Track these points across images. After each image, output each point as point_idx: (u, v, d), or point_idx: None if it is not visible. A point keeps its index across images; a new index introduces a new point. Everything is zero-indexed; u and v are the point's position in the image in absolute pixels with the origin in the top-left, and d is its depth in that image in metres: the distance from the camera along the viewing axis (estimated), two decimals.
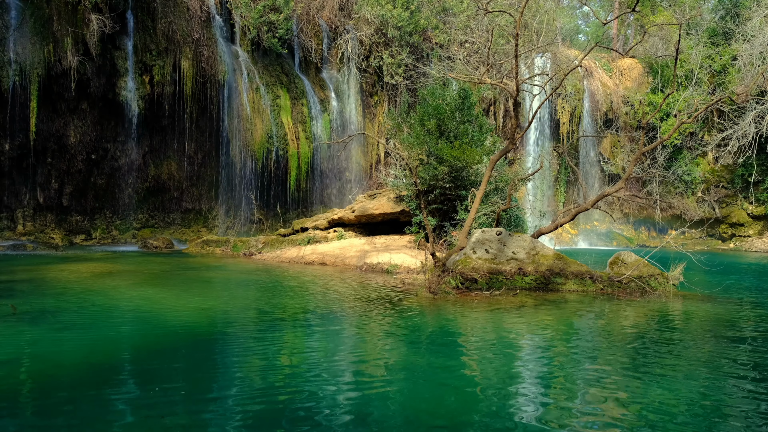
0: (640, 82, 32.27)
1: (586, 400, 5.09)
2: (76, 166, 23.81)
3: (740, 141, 27.40)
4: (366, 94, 29.69)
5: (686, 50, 29.55)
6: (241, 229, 26.10)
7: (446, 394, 5.22)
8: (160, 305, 9.65)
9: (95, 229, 24.73)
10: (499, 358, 6.59)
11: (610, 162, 31.58)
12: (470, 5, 28.88)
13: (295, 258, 18.17)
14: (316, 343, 7.08)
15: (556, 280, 11.72)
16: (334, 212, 21.70)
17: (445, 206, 17.60)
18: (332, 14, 28.80)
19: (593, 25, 50.32)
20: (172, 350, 6.69)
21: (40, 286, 11.37)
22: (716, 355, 6.72)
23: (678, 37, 12.64)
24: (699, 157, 30.90)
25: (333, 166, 28.35)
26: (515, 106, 12.10)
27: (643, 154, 14.20)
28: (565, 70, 19.19)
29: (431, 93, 18.96)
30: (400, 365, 6.11)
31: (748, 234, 30.34)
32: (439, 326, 8.30)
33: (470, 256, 12.08)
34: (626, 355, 6.71)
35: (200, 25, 24.70)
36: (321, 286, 12.73)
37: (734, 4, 30.44)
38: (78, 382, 5.41)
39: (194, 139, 25.67)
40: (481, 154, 17.59)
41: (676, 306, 10.30)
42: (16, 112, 21.32)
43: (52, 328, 7.49)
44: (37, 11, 21.19)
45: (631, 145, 30.98)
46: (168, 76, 23.91)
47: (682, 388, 5.39)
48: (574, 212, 13.72)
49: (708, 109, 18.12)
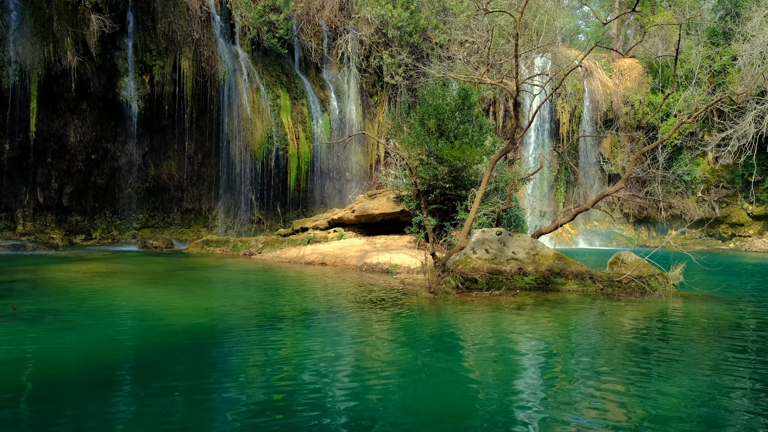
0: (640, 82, 32.29)
1: (587, 400, 5.09)
2: (76, 166, 23.82)
3: (740, 141, 27.41)
4: (366, 94, 29.69)
5: (686, 50, 29.55)
6: (241, 229, 26.11)
7: (446, 393, 5.22)
8: (160, 305, 9.65)
9: (95, 229, 24.73)
10: (499, 358, 6.59)
11: (610, 162, 31.59)
12: (470, 5, 28.89)
13: (295, 258, 18.17)
14: (316, 343, 7.07)
15: (556, 280, 11.72)
16: (334, 212, 21.69)
17: (445, 206, 17.60)
18: (332, 14, 28.80)
19: (593, 25, 50.34)
20: (172, 350, 6.69)
21: (40, 286, 11.37)
22: (716, 355, 6.72)
23: (678, 37, 12.63)
24: (699, 157, 30.91)
25: (333, 166, 28.35)
26: (515, 106, 12.10)
27: (643, 154, 14.20)
28: (565, 70, 19.19)
29: (431, 93, 18.96)
30: (400, 365, 6.11)
31: (748, 234, 30.35)
32: (439, 326, 8.30)
33: (470, 256, 12.08)
34: (626, 355, 6.71)
35: (200, 25, 24.71)
36: (321, 286, 12.73)
37: (734, 4, 30.44)
38: (78, 382, 5.40)
39: (194, 139, 25.68)
40: (481, 154, 17.59)
41: (676, 306, 10.30)
42: (16, 112, 21.32)
43: (52, 328, 7.49)
44: (37, 11, 21.19)
45: (631, 145, 30.99)
46: (168, 76, 23.91)
47: (682, 388, 5.39)
48: (574, 212, 13.73)
49: (708, 109, 18.11)
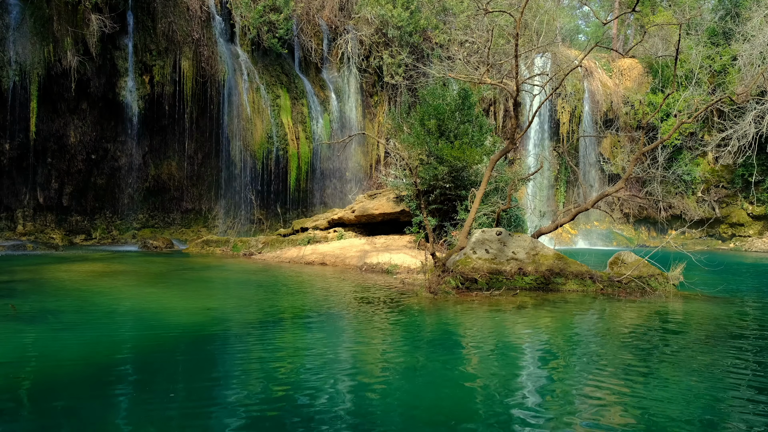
0: (640, 82, 32.28)
1: (587, 399, 5.09)
2: (76, 166, 23.82)
3: (740, 141, 27.39)
4: (366, 94, 29.69)
5: (686, 50, 29.54)
6: (241, 229, 26.11)
7: (446, 393, 5.22)
8: (160, 305, 9.65)
9: (95, 229, 24.73)
10: (499, 357, 6.59)
11: (610, 162, 31.58)
12: (470, 5, 28.88)
13: (295, 258, 18.16)
14: (316, 343, 7.08)
15: (556, 280, 11.72)
16: (334, 212, 21.69)
17: (445, 206, 17.59)
18: (332, 14, 28.80)
19: (593, 25, 50.32)
20: (172, 350, 6.70)
21: (40, 286, 11.37)
22: (716, 355, 6.72)
23: (678, 37, 12.64)
24: (699, 157, 30.90)
25: (333, 166, 28.35)
26: (515, 106, 12.10)
27: (643, 154, 14.20)
28: (565, 70, 19.18)
29: (431, 93, 18.96)
30: (401, 365, 6.11)
31: (748, 234, 30.34)
32: (439, 326, 8.30)
33: (470, 256, 12.08)
34: (626, 354, 6.71)
35: (200, 25, 24.70)
36: (321, 286, 12.73)
37: (734, 4, 30.43)
38: (78, 382, 5.41)
39: (194, 139, 25.67)
40: (481, 154, 17.59)
41: (676, 306, 10.30)
42: (16, 112, 21.32)
43: (52, 328, 7.49)
44: (37, 11, 21.19)
45: (631, 145, 30.98)
46: (168, 76, 23.91)
47: (682, 388, 5.39)
48: (574, 212, 13.73)
49: (708, 109, 18.12)
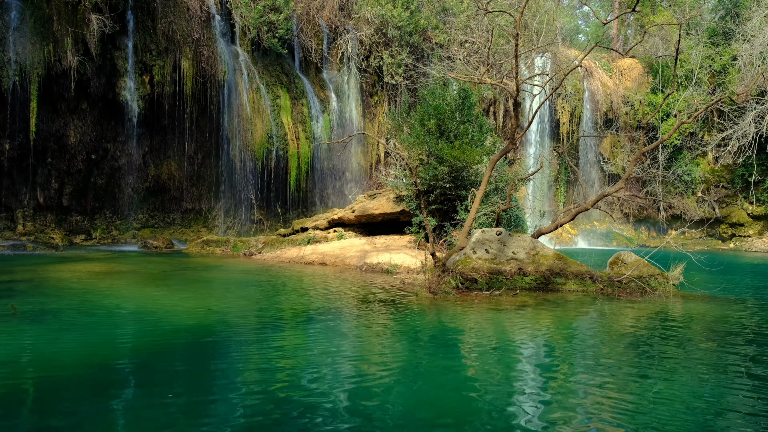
0: (640, 82, 32.28)
1: (587, 399, 5.09)
2: (76, 166, 23.82)
3: (740, 141, 27.41)
4: (366, 94, 29.69)
5: (686, 50, 29.54)
6: (241, 229, 26.11)
7: (446, 393, 5.22)
8: (160, 305, 9.65)
9: (95, 229, 24.73)
10: (500, 358, 6.59)
11: (610, 162, 31.58)
12: (470, 5, 28.88)
13: (295, 258, 18.16)
14: (316, 343, 7.08)
15: (556, 280, 11.72)
16: (334, 212, 21.69)
17: (445, 206, 17.59)
18: (332, 14, 28.80)
19: (593, 25, 50.33)
20: (172, 350, 6.69)
21: (40, 286, 11.37)
22: (716, 355, 6.72)
23: (678, 37, 12.64)
24: (699, 157, 30.90)
25: (333, 166, 28.35)
26: (515, 106, 12.10)
27: (643, 154, 14.20)
28: (565, 70, 19.19)
29: (431, 93, 18.96)
30: (400, 365, 6.11)
31: (748, 234, 30.34)
32: (439, 326, 8.30)
33: (470, 256, 12.08)
34: (627, 355, 6.71)
35: (200, 25, 24.70)
36: (321, 286, 12.73)
37: (734, 4, 30.43)
38: (78, 382, 5.40)
39: (194, 139, 25.68)
40: (481, 154, 17.59)
41: (676, 306, 10.30)
42: (16, 112, 21.32)
43: (52, 328, 7.49)
44: (37, 11, 21.19)
45: (631, 145, 30.98)
46: (168, 76, 23.91)
47: (682, 388, 5.39)
48: (574, 212, 13.73)
49: (708, 109, 18.12)
